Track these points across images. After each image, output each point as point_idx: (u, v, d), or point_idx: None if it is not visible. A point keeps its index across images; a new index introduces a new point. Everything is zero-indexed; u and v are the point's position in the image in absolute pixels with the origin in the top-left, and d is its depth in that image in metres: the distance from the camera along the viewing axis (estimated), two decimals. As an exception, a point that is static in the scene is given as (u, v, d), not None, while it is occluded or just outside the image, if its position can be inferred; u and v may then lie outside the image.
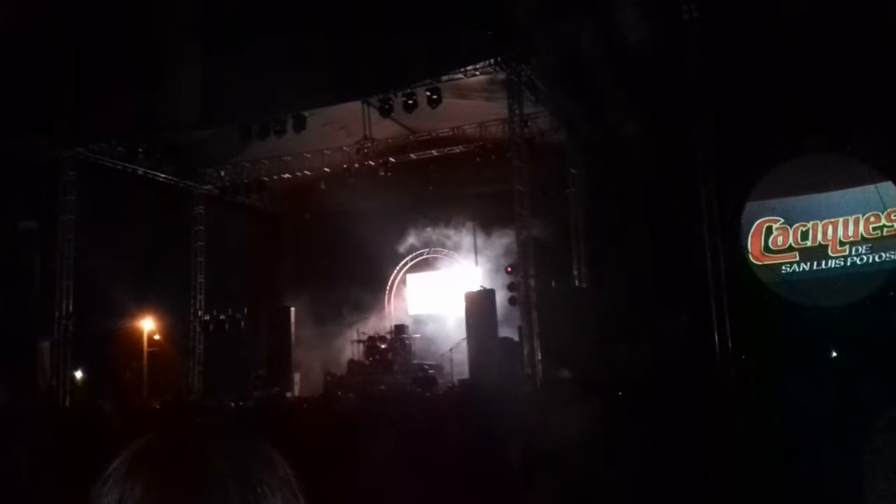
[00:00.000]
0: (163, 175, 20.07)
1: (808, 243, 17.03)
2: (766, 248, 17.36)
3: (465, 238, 20.52)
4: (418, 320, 21.40)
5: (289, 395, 17.95)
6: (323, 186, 20.35)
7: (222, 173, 21.20)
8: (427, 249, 21.99)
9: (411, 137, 19.55)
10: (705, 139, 13.94)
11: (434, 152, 19.70)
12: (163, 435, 1.11)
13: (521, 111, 15.30)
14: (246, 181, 20.81)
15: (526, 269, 14.97)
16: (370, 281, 21.92)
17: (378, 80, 15.24)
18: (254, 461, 1.08)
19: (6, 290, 17.86)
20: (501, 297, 17.34)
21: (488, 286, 18.16)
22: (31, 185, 18.12)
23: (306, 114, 16.28)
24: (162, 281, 20.05)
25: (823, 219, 16.89)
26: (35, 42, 17.03)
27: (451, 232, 20.63)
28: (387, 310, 22.31)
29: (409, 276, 22.59)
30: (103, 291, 17.75)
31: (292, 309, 20.37)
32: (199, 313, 21.35)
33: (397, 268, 22.50)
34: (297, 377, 19.48)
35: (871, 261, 16.54)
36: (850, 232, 16.70)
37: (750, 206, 17.21)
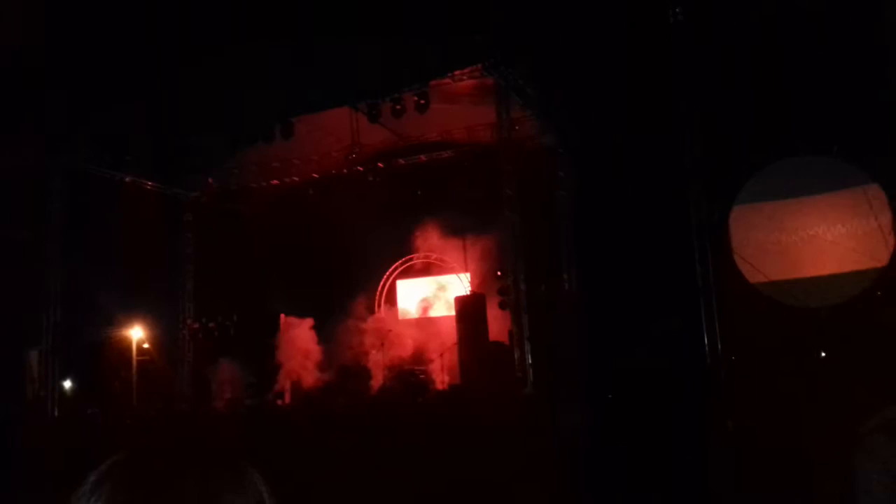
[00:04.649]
0: (150, 182, 20.00)
1: (796, 245, 17.06)
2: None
3: (455, 242, 20.48)
4: (409, 325, 21.37)
5: (279, 402, 17.91)
6: (311, 192, 20.33)
7: (210, 180, 21.14)
8: (417, 254, 21.97)
9: (400, 142, 19.56)
10: (693, 142, 13.97)
11: (423, 157, 19.70)
12: (132, 452, 1.10)
13: (509, 115, 15.31)
14: (234, 188, 20.77)
15: (516, 272, 14.98)
16: (360, 286, 21.86)
17: (366, 85, 15.26)
18: (223, 482, 1.06)
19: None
20: (492, 301, 17.36)
21: (478, 290, 18.15)
22: (21, 193, 17.99)
23: (294, 120, 16.27)
24: (151, 289, 19.95)
25: (811, 221, 16.94)
26: (18, 50, 16.94)
27: (440, 236, 20.60)
28: (377, 315, 22.27)
29: (399, 282, 22.56)
30: (92, 300, 17.66)
31: (282, 315, 20.31)
32: (189, 321, 21.26)
33: (387, 273, 22.47)
34: (288, 384, 19.41)
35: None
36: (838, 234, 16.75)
37: (737, 209, 17.26)
